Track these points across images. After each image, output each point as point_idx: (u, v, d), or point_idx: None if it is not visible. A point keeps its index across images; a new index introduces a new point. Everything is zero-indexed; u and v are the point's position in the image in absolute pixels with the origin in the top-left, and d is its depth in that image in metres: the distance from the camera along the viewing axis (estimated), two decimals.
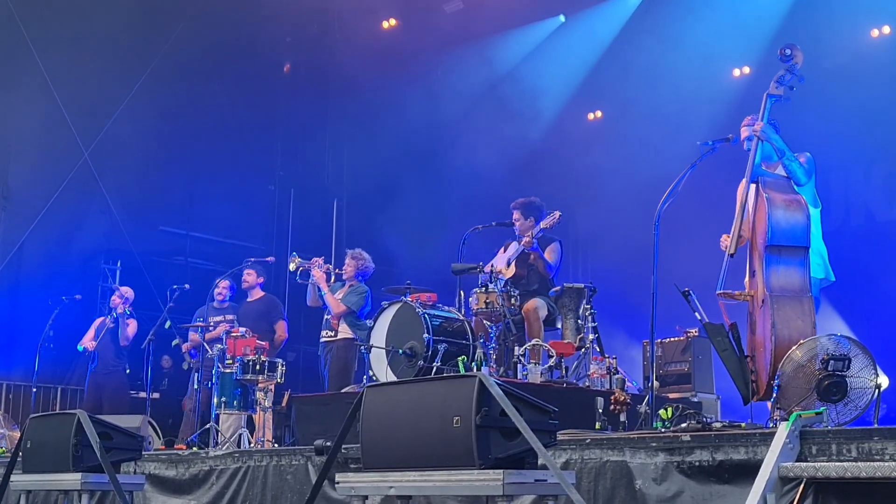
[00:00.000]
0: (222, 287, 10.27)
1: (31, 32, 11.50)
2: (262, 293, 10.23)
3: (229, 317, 10.06)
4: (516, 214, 8.33)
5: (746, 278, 5.91)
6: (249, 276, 10.14)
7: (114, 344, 10.65)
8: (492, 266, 7.82)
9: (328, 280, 9.37)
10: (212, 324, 9.80)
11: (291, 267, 9.51)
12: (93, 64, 11.47)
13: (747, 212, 5.84)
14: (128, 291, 10.94)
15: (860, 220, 11.32)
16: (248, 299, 10.17)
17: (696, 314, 5.66)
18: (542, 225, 8.02)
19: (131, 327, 10.70)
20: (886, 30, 10.89)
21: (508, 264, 8.17)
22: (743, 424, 4.91)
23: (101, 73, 11.56)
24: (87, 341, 10.86)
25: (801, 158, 6.08)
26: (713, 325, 5.58)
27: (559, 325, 8.07)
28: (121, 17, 11.35)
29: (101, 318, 10.94)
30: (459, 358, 7.19)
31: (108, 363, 10.69)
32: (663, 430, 5.26)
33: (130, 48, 11.65)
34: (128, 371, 10.84)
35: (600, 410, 6.13)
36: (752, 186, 5.82)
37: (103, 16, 11.27)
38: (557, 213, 7.97)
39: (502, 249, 8.44)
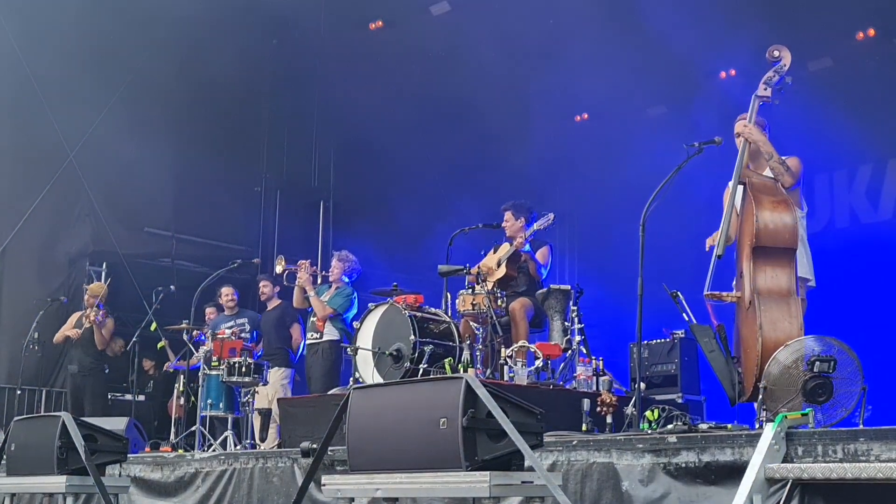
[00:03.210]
0: (228, 295, 10.29)
1: (17, 34, 11.45)
2: (279, 301, 10.21)
3: (240, 321, 10.08)
4: (507, 215, 8.33)
5: (735, 279, 5.92)
6: (266, 288, 10.15)
7: (91, 345, 10.57)
8: (479, 268, 7.82)
9: (314, 282, 9.36)
10: (223, 331, 9.79)
11: (278, 269, 9.53)
12: (78, 65, 11.42)
13: (734, 213, 5.85)
14: (97, 289, 10.82)
15: (844, 222, 11.39)
16: (267, 309, 10.17)
17: (684, 315, 5.66)
18: (536, 226, 8.02)
19: (107, 329, 10.61)
20: (871, 32, 10.93)
21: (499, 265, 8.17)
22: (729, 426, 4.92)
23: (86, 74, 11.50)
24: (59, 334, 10.82)
25: (790, 161, 6.07)
26: (700, 327, 5.57)
27: (546, 327, 8.08)
28: (106, 20, 11.30)
29: (79, 313, 10.85)
30: (446, 360, 7.18)
31: (86, 365, 10.62)
32: (650, 431, 5.27)
33: (116, 50, 11.59)
34: (107, 371, 10.79)
35: (587, 412, 6.14)
36: (740, 188, 5.82)
37: (89, 18, 11.22)
38: (552, 215, 7.99)
39: (492, 251, 8.44)
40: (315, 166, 14.14)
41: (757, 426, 4.88)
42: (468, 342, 7.43)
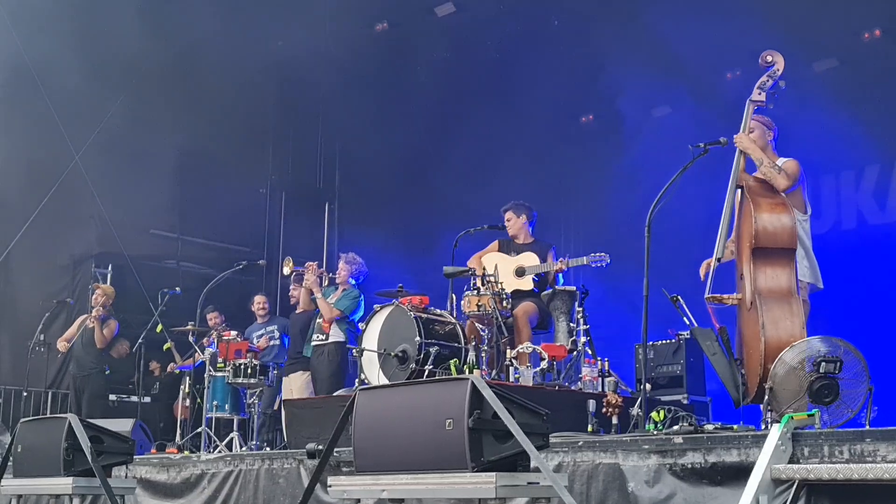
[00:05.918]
0: (260, 304, 10.41)
1: (22, 36, 11.47)
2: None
3: (270, 328, 10.13)
4: (508, 214, 8.41)
5: (736, 281, 5.92)
6: (296, 291, 10.14)
7: (91, 345, 10.56)
8: (485, 270, 7.82)
9: (321, 284, 9.37)
10: (254, 337, 9.95)
11: (285, 271, 9.53)
12: (83, 67, 11.43)
13: (734, 216, 5.87)
14: (108, 289, 10.86)
15: (851, 223, 11.36)
16: (297, 311, 10.12)
17: (685, 319, 5.67)
18: (587, 261, 8.10)
19: (108, 329, 10.61)
20: (877, 33, 10.91)
21: (519, 274, 8.19)
22: (735, 427, 4.92)
23: (90, 76, 11.52)
24: (62, 341, 10.83)
25: (788, 164, 6.05)
26: (702, 330, 5.59)
27: (551, 328, 8.08)
28: (111, 23, 11.32)
29: (84, 316, 10.86)
30: (451, 361, 7.18)
31: (86, 365, 10.61)
32: (655, 432, 5.27)
33: (121, 52, 11.61)
34: (107, 372, 10.78)
35: (592, 413, 6.14)
36: (738, 191, 5.86)
37: (94, 21, 11.24)
38: (607, 257, 8.10)
39: (503, 251, 8.47)
40: (320, 168, 14.15)
41: (763, 427, 4.88)
42: (473, 343, 7.43)
